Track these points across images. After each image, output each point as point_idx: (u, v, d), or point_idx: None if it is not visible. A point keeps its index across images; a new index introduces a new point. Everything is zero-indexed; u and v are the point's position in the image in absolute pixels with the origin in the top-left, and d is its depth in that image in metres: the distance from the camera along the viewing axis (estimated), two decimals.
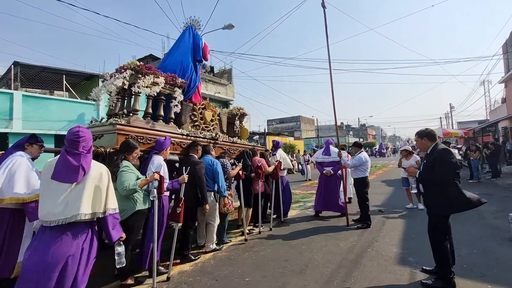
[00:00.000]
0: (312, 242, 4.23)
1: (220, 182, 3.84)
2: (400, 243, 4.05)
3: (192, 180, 3.42)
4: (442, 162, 2.72)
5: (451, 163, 2.72)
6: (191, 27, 4.74)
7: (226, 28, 13.28)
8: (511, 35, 16.05)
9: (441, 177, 2.74)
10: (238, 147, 5.10)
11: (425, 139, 2.97)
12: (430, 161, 2.85)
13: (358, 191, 5.16)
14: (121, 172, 2.76)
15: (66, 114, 11.76)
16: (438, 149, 2.84)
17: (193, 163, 3.57)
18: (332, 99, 5.37)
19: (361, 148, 5.49)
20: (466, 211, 2.86)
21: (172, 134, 3.73)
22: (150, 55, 17.69)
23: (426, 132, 3.02)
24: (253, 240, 4.45)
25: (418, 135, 3.05)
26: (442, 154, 2.77)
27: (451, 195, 2.73)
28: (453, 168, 2.74)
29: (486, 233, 4.38)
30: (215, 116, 4.84)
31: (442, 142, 7.36)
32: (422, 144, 3.02)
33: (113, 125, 3.10)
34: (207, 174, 3.74)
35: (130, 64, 3.35)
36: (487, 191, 8.32)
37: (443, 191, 2.75)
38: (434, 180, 2.79)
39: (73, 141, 1.96)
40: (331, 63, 5.35)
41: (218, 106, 20.03)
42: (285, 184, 5.76)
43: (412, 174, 3.09)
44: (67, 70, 12.38)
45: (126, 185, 2.69)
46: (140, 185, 2.77)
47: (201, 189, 3.52)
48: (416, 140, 3.12)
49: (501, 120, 16.10)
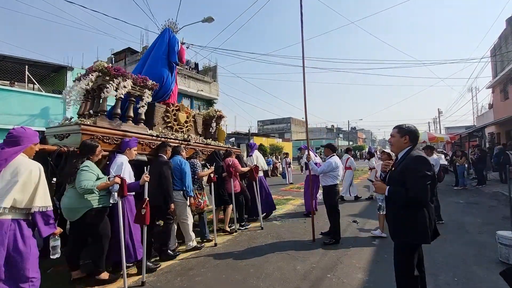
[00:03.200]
0: (265, 263, 3.52)
1: (187, 181, 3.87)
2: (368, 265, 3.37)
3: (159, 179, 3.51)
4: (416, 177, 2.00)
5: (427, 178, 2.00)
6: (169, 30, 4.82)
7: (205, 21, 12.52)
8: (499, 39, 15.79)
9: (414, 199, 2.00)
10: (212, 149, 5.09)
11: (406, 137, 2.20)
12: (399, 171, 2.15)
13: (327, 201, 4.45)
14: (81, 171, 2.76)
15: (28, 108, 10.80)
16: (411, 156, 2.12)
17: (160, 163, 3.64)
18: (304, 98, 4.70)
19: (334, 151, 4.77)
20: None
21: (141, 135, 3.73)
22: (128, 48, 16.80)
23: (409, 129, 2.23)
24: (196, 258, 3.71)
25: (399, 129, 2.26)
26: (415, 164, 2.04)
27: (422, 220, 2.04)
28: (430, 185, 2.02)
29: (470, 253, 3.76)
30: (189, 118, 4.84)
31: (427, 146, 6.74)
32: (398, 144, 2.25)
33: (78, 125, 3.09)
34: (175, 174, 3.80)
35: (98, 66, 3.33)
36: (472, 200, 7.83)
37: (413, 214, 2.06)
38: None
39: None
40: (305, 61, 4.68)
41: (201, 105, 19.32)
42: (260, 184, 5.61)
43: (379, 191, 2.25)
44: (30, 60, 11.39)
45: (83, 185, 2.68)
46: (99, 187, 2.77)
47: (166, 189, 3.54)
48: (393, 135, 2.30)
49: (488, 126, 15.83)
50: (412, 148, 2.23)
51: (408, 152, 2.20)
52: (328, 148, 4.77)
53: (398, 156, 2.29)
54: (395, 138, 2.30)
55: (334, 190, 4.42)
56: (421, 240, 2.07)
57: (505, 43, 15.24)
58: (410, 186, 2.02)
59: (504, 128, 14.79)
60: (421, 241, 2.08)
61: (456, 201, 7.67)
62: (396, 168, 2.23)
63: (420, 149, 2.32)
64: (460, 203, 7.34)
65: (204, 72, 19.79)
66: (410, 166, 2.07)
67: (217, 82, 20.00)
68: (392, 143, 2.34)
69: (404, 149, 2.24)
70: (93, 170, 2.84)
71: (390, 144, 2.41)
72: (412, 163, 2.08)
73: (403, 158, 2.21)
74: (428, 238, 2.06)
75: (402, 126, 2.30)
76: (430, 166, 2.11)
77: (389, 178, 2.27)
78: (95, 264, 2.96)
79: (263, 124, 52.58)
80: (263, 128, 50.78)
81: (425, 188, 2.00)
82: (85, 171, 2.77)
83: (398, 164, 2.23)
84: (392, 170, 2.28)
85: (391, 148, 2.40)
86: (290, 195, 9.27)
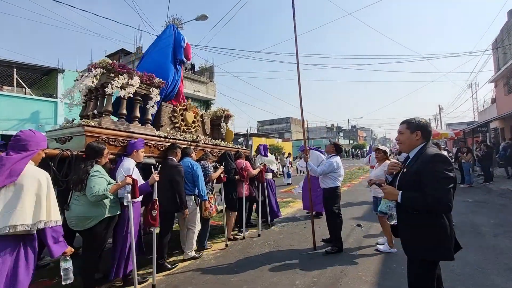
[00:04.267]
0: (260, 277, 3.14)
1: (200, 185, 3.69)
2: (376, 278, 3.00)
3: (170, 184, 3.34)
4: (437, 179, 1.64)
5: (450, 180, 1.66)
6: (173, 26, 4.59)
7: (199, 19, 12.17)
8: (501, 32, 15.43)
9: (436, 206, 1.65)
10: (221, 150, 4.87)
11: (417, 133, 1.85)
12: (413, 172, 1.78)
13: (327, 205, 4.06)
14: (91, 177, 2.60)
15: (17, 112, 10.47)
16: (428, 154, 1.75)
17: (171, 166, 3.45)
18: (299, 93, 4.33)
19: (339, 151, 4.28)
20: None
21: (148, 136, 3.54)
22: (122, 50, 16.46)
23: (420, 123, 1.88)
24: (183, 274, 3.33)
25: (408, 124, 1.90)
26: (435, 164, 1.68)
27: (444, 231, 1.68)
28: (452, 188, 1.67)
29: (486, 260, 3.39)
30: (197, 118, 4.64)
31: (433, 143, 6.37)
32: (409, 141, 1.89)
33: (81, 126, 2.88)
34: (186, 178, 3.62)
35: (101, 63, 3.10)
36: (481, 198, 7.45)
37: (432, 225, 1.70)
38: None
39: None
40: (301, 58, 4.31)
41: (198, 106, 18.99)
42: (271, 187, 5.52)
43: (390, 197, 1.84)
44: (19, 63, 11.04)
45: (95, 191, 2.52)
46: (111, 190, 2.62)
47: (179, 194, 3.37)
48: (401, 132, 1.93)
49: (492, 121, 15.46)
50: (426, 145, 1.86)
51: (423, 150, 1.83)
52: (333, 146, 4.30)
53: (410, 156, 1.92)
54: (404, 135, 1.92)
55: (335, 193, 4.04)
56: (444, 256, 1.70)
57: (508, 36, 14.88)
58: (430, 190, 1.65)
59: (508, 123, 14.41)
60: (443, 257, 1.71)
61: (464, 200, 7.29)
62: (408, 169, 1.86)
63: (434, 146, 1.95)
64: (468, 202, 6.96)
65: (200, 73, 19.43)
66: (428, 166, 1.70)
67: (214, 82, 19.64)
68: (401, 141, 1.95)
69: (416, 147, 1.88)
70: (104, 175, 2.69)
71: (397, 143, 2.02)
72: (430, 163, 1.71)
73: (416, 157, 1.85)
74: (451, 253, 1.70)
75: (411, 121, 1.93)
76: (452, 166, 1.75)
77: (400, 181, 1.89)
78: (86, 279, 2.68)
79: (262, 124, 52.20)
80: (263, 129, 50.41)
81: (448, 192, 1.64)
82: (96, 177, 2.61)
83: (411, 164, 1.86)
84: (404, 172, 1.91)
85: (401, 147, 2.01)
86: (290, 197, 8.90)
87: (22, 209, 1.76)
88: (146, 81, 3.54)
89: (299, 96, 4.30)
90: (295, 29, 4.22)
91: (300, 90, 4.30)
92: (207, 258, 3.79)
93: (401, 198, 1.76)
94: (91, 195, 2.51)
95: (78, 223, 2.63)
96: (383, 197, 1.94)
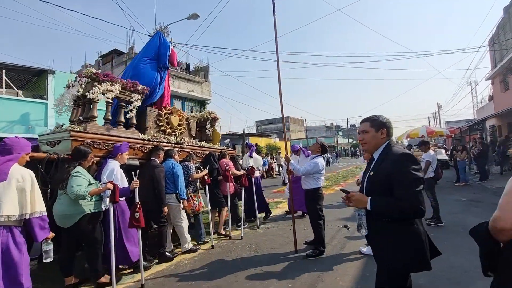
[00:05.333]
0: (233, 283, 2.99)
1: (180, 184, 3.86)
2: (353, 284, 2.85)
3: (152, 183, 3.54)
4: (408, 181, 1.50)
5: (420, 182, 1.52)
6: (160, 33, 4.82)
7: (191, 18, 12.03)
8: (497, 28, 15.26)
9: (410, 212, 1.50)
10: (206, 151, 5.03)
11: (383, 131, 1.72)
12: (382, 174, 1.62)
13: (309, 206, 3.91)
14: (72, 177, 2.78)
15: (6, 114, 10.32)
16: (395, 154, 1.60)
17: (152, 167, 3.66)
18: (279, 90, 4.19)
19: (323, 152, 4.10)
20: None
21: (132, 139, 3.72)
22: (115, 50, 16.31)
23: (384, 120, 1.75)
24: (154, 280, 3.18)
25: (372, 122, 1.75)
26: (405, 164, 1.53)
27: (417, 239, 1.54)
28: (421, 190, 1.52)
29: (474, 264, 3.23)
30: (182, 121, 4.83)
31: (422, 141, 6.20)
32: (375, 140, 1.73)
33: (68, 131, 3.11)
34: (167, 177, 3.82)
35: (86, 72, 3.38)
36: (475, 197, 7.30)
37: (405, 232, 1.55)
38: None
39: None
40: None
41: (193, 106, 18.82)
42: (257, 185, 5.67)
43: (359, 205, 1.67)
44: (8, 64, 10.90)
45: (75, 190, 2.69)
46: (91, 193, 2.78)
47: (159, 192, 3.57)
48: (365, 130, 1.77)
49: (489, 118, 15.31)
50: (390, 144, 1.72)
51: (387, 150, 1.68)
52: (319, 145, 4.08)
53: (375, 156, 1.76)
54: (369, 133, 1.76)
55: (317, 194, 3.88)
56: (419, 267, 1.55)
57: (503, 32, 14.72)
58: (401, 194, 1.50)
59: (505, 120, 14.26)
60: (419, 268, 1.55)
61: (457, 199, 7.14)
62: (376, 171, 1.69)
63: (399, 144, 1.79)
64: (461, 201, 6.81)
65: (195, 72, 19.26)
66: (397, 167, 1.55)
67: (209, 82, 19.47)
68: (365, 140, 1.78)
69: (381, 146, 1.73)
70: (84, 176, 2.87)
71: (361, 143, 1.83)
72: (399, 163, 1.56)
73: (382, 157, 1.69)
74: (428, 263, 1.54)
75: (375, 118, 1.77)
76: (420, 166, 1.61)
77: (368, 185, 1.71)
78: (93, 269, 2.97)
79: (261, 124, 52.09)
80: (262, 128, 50.27)
81: (421, 195, 1.50)
82: (77, 177, 2.79)
83: (376, 166, 1.71)
84: (371, 174, 1.73)
85: (365, 147, 1.82)
86: (281, 197, 8.75)
87: (11, 201, 2.06)
88: (130, 87, 3.76)
89: (279, 94, 4.16)
90: (275, 29, 4.08)
91: (280, 87, 4.15)
92: (183, 263, 3.64)
93: (371, 205, 1.59)
94: (71, 193, 2.70)
95: (63, 221, 2.82)
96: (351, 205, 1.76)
